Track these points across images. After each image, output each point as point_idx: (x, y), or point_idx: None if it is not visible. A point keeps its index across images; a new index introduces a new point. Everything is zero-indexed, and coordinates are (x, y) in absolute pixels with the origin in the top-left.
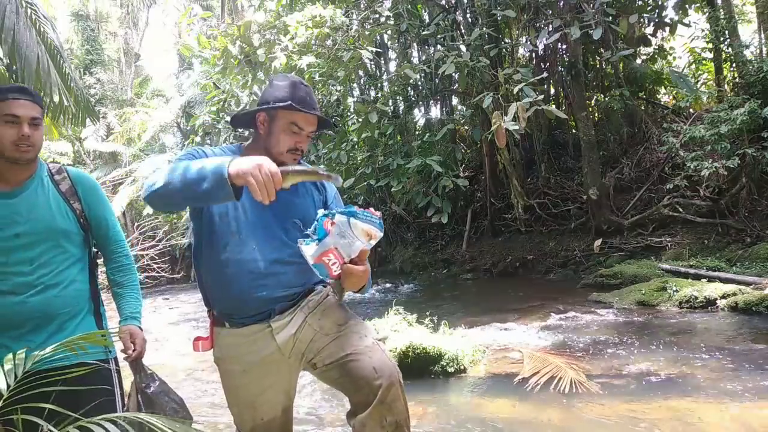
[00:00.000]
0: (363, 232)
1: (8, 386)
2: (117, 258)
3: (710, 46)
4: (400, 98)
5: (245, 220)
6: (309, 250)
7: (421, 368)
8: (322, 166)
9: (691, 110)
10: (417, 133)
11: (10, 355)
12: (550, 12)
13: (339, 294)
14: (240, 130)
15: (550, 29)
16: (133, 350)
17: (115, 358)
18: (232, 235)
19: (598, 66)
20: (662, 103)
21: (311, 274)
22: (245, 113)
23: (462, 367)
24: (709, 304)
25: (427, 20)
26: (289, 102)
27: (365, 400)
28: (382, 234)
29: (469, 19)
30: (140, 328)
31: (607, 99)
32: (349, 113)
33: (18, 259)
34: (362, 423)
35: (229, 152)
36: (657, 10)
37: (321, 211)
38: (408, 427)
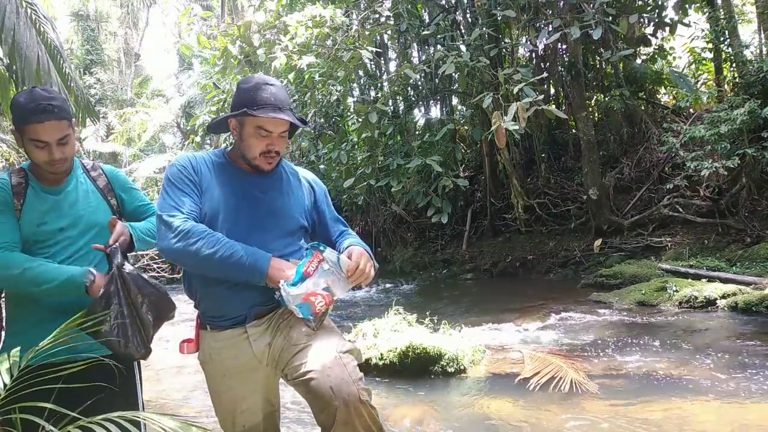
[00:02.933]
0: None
1: (6, 382)
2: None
3: (710, 46)
4: (400, 98)
5: (231, 224)
6: (295, 290)
7: (421, 368)
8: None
9: (691, 110)
10: (417, 133)
11: (14, 351)
12: (550, 12)
13: (317, 325)
14: None
15: (550, 29)
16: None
17: None
18: (225, 231)
19: (598, 66)
20: (662, 103)
21: None
22: (219, 120)
23: (462, 367)
24: (709, 304)
25: (427, 20)
26: (244, 109)
27: (326, 421)
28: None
29: (469, 19)
30: (134, 230)
31: (607, 99)
32: (349, 113)
33: (60, 251)
34: None
35: (213, 156)
36: (657, 10)
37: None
38: None
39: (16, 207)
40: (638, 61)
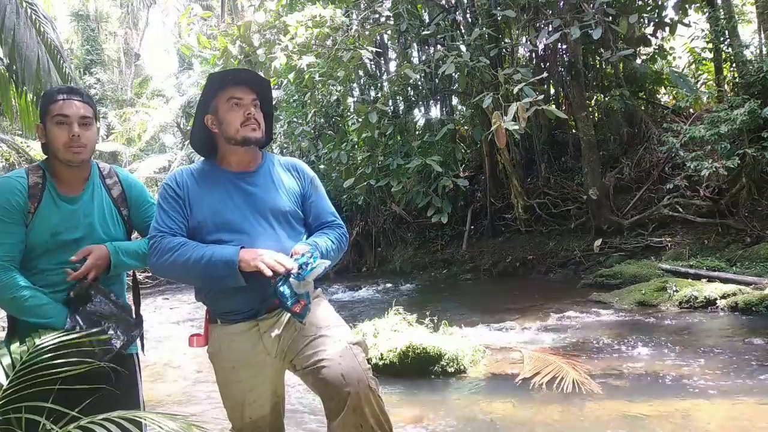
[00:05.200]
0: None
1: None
2: None
3: (710, 46)
4: (400, 98)
5: (227, 223)
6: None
7: (421, 368)
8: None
9: (691, 110)
10: (417, 133)
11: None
12: (550, 12)
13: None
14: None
15: (550, 29)
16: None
17: (137, 354)
18: (220, 233)
19: (598, 66)
20: (662, 103)
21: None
22: (197, 129)
23: (462, 367)
24: (709, 304)
25: (427, 20)
26: (209, 75)
27: (336, 407)
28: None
29: (469, 19)
30: (116, 254)
31: (607, 99)
32: (349, 113)
33: (70, 255)
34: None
35: (199, 165)
36: (657, 10)
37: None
38: (385, 431)
39: (29, 210)
40: (638, 61)
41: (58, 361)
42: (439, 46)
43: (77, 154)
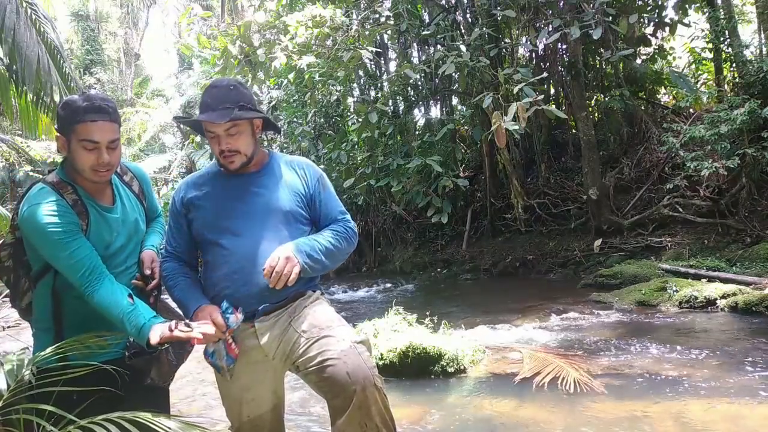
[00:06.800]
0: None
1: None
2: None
3: (710, 46)
4: (400, 98)
5: (227, 226)
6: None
7: (421, 368)
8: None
9: (691, 110)
10: (417, 133)
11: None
12: (550, 12)
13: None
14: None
15: (550, 29)
16: (151, 277)
17: None
18: (221, 236)
19: (598, 66)
20: (662, 103)
21: (301, 278)
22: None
23: (462, 367)
24: (709, 304)
25: (427, 20)
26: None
27: (342, 405)
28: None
29: (469, 19)
30: (158, 254)
31: (607, 99)
32: (349, 113)
33: (120, 263)
34: (340, 430)
35: (209, 168)
36: (657, 10)
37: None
38: (389, 429)
39: (82, 228)
40: (638, 61)
41: (81, 362)
42: (439, 46)
43: (102, 177)
